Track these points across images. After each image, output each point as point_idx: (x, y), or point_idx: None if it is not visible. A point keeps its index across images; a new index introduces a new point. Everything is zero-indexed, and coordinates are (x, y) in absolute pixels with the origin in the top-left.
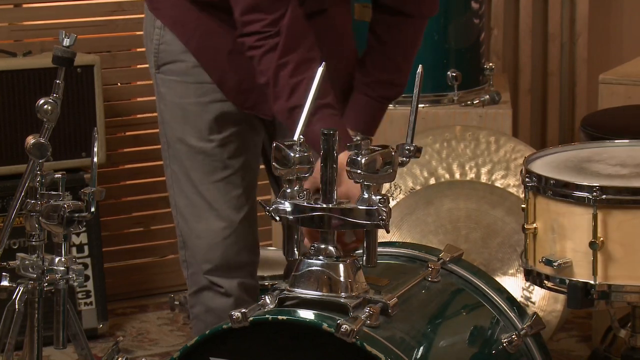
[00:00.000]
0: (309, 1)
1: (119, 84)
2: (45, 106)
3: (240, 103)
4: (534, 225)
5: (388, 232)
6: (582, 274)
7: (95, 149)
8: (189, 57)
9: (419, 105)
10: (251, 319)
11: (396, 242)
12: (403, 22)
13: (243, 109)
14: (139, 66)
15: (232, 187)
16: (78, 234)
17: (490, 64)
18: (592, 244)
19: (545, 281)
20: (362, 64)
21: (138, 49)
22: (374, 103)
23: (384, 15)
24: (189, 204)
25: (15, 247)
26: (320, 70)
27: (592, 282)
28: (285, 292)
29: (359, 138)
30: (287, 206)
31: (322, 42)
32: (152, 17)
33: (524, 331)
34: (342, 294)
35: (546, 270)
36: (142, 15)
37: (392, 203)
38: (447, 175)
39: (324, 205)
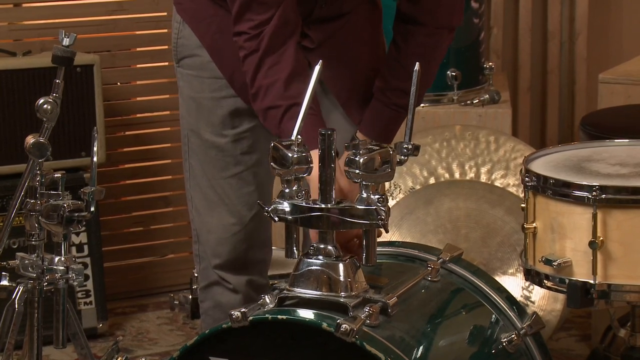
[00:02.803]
0: (325, 5)
1: (118, 83)
2: (45, 106)
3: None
4: (534, 224)
5: (387, 231)
6: (581, 274)
7: (95, 149)
8: (204, 52)
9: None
10: (251, 318)
11: (396, 241)
12: (419, 31)
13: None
14: (138, 66)
15: (244, 184)
16: (78, 234)
17: (490, 63)
18: (591, 244)
19: (544, 280)
20: (381, 71)
21: (138, 49)
22: (388, 110)
23: (401, 23)
24: (203, 198)
25: (15, 246)
26: (317, 68)
27: (591, 281)
28: (284, 291)
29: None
30: (285, 206)
31: (341, 46)
32: (175, 12)
33: (523, 330)
34: (342, 293)
35: (546, 269)
36: (142, 15)
37: (391, 202)
38: (446, 175)
39: (323, 205)
